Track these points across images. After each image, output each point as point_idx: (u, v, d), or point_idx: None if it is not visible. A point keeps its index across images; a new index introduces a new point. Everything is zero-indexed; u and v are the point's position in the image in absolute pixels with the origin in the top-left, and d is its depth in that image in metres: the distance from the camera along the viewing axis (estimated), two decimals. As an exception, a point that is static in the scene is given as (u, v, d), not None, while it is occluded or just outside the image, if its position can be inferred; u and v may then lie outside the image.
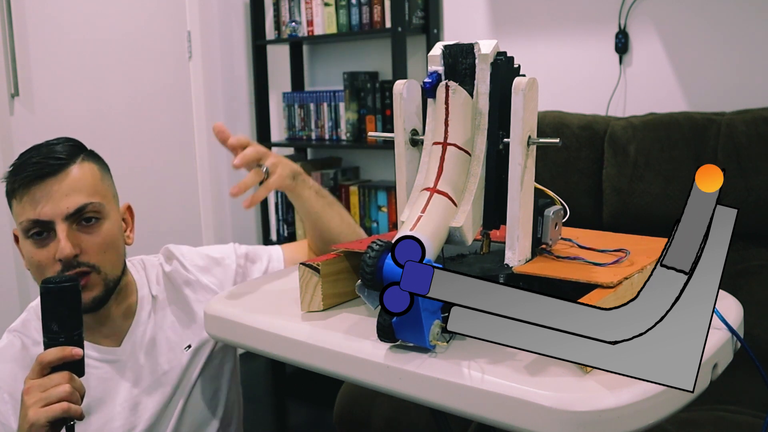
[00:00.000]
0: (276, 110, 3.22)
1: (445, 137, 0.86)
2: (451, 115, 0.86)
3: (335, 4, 2.79)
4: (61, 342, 0.96)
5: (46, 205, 1.05)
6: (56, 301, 0.96)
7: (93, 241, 1.09)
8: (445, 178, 0.85)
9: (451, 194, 0.85)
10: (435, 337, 0.76)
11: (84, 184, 1.09)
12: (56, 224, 1.06)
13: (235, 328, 0.95)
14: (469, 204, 0.85)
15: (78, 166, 1.09)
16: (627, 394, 0.68)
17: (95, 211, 1.09)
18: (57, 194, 1.06)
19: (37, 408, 0.92)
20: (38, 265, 1.07)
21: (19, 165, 1.08)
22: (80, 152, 1.12)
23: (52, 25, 2.50)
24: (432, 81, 0.88)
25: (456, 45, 0.88)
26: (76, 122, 2.55)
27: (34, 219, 1.05)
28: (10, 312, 2.20)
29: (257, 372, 3.08)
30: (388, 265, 0.76)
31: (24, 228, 1.07)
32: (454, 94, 0.86)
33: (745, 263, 1.81)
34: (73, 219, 1.07)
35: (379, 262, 0.77)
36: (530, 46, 2.53)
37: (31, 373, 0.96)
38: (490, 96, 0.87)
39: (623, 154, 1.93)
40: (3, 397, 1.09)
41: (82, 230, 1.08)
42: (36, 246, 1.07)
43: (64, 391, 0.93)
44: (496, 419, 0.71)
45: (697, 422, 1.46)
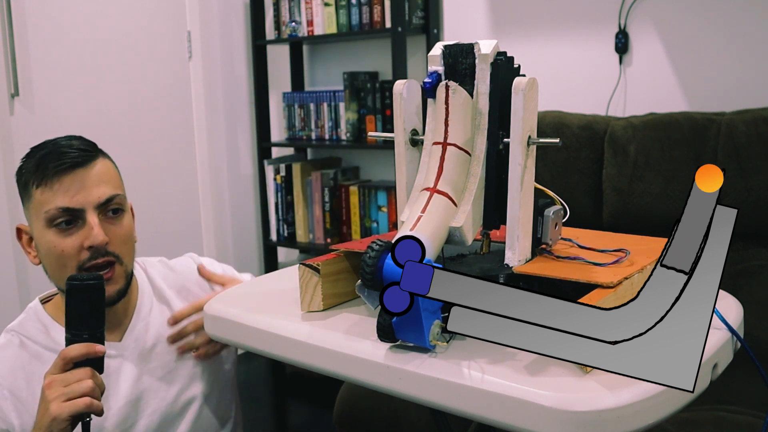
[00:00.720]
0: (276, 110, 3.22)
1: (445, 137, 0.86)
2: (451, 115, 0.86)
3: (335, 4, 2.79)
4: (84, 339, 0.97)
5: (78, 194, 1.07)
6: (81, 298, 0.97)
7: (118, 232, 1.11)
8: (445, 178, 0.85)
9: (451, 194, 0.85)
10: (435, 337, 0.76)
11: (110, 176, 1.12)
12: (87, 212, 1.07)
13: (235, 328, 0.96)
14: (469, 204, 0.85)
15: (102, 160, 1.12)
16: (627, 394, 0.68)
17: (120, 204, 1.12)
18: (89, 183, 1.08)
19: (60, 402, 0.93)
20: (61, 254, 1.08)
21: (45, 155, 1.08)
22: (97, 148, 1.14)
23: (52, 25, 2.50)
24: (432, 81, 0.89)
25: (456, 45, 0.88)
26: (76, 122, 2.55)
27: (65, 207, 1.06)
28: (10, 312, 2.20)
29: (257, 372, 3.08)
30: (389, 265, 0.76)
31: (50, 216, 1.07)
32: (454, 94, 0.86)
33: (745, 263, 1.81)
34: (102, 209, 1.09)
35: (379, 262, 0.77)
36: (530, 46, 2.53)
37: (52, 367, 0.97)
38: (490, 96, 0.87)
39: (623, 154, 1.93)
40: (3, 394, 1.09)
41: (109, 221, 1.10)
42: (62, 235, 1.08)
43: (88, 386, 0.95)
44: (496, 419, 0.71)
45: (697, 422, 1.46)
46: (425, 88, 0.89)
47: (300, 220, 3.04)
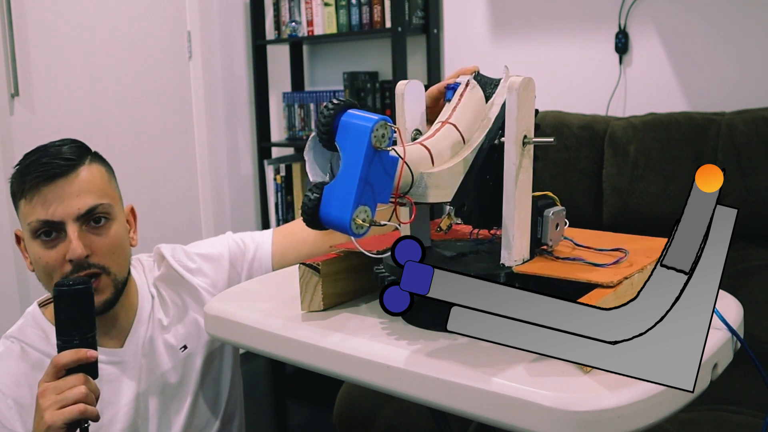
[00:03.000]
0: (276, 110, 3.22)
1: (449, 117, 0.89)
2: (462, 104, 0.90)
3: (335, 4, 2.79)
4: (75, 344, 0.96)
5: (57, 206, 1.05)
6: (70, 304, 0.96)
7: (103, 243, 1.09)
8: (435, 140, 0.87)
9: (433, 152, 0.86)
10: (359, 226, 0.74)
11: (93, 185, 1.09)
12: (67, 225, 1.06)
13: (235, 328, 0.95)
14: (452, 162, 0.86)
15: (87, 167, 1.09)
16: (627, 394, 0.68)
17: (105, 213, 1.09)
18: (68, 195, 1.06)
19: (54, 410, 0.92)
20: (46, 266, 1.07)
21: (27, 165, 1.07)
22: (87, 154, 1.12)
23: (52, 25, 2.50)
24: (455, 87, 0.93)
25: (486, 77, 0.93)
26: (76, 122, 2.55)
27: (44, 219, 1.05)
28: (11, 312, 2.20)
29: (257, 372, 3.08)
30: (348, 115, 0.75)
31: (33, 228, 1.06)
32: (472, 90, 0.90)
33: (745, 263, 1.81)
34: (84, 220, 1.07)
35: (337, 119, 0.76)
36: (530, 46, 2.53)
37: (45, 375, 0.96)
38: (501, 107, 0.89)
39: (623, 154, 1.93)
40: (7, 403, 1.08)
41: (92, 231, 1.08)
42: (45, 247, 1.07)
43: (80, 392, 0.94)
44: (496, 419, 0.71)
45: (697, 422, 1.46)
46: (448, 88, 0.92)
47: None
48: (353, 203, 0.73)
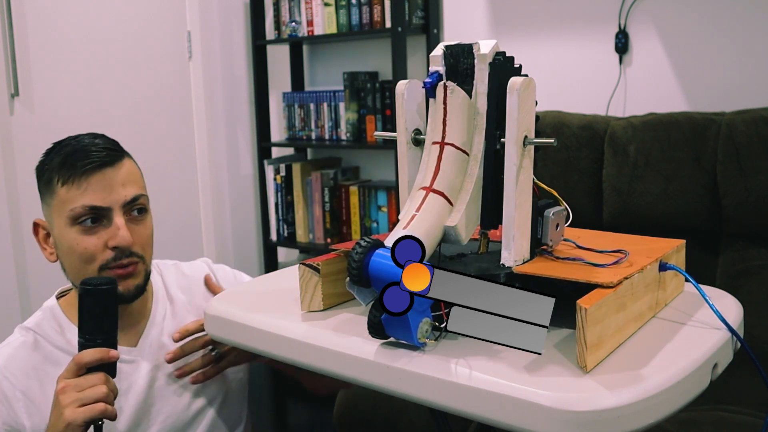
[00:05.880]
0: (276, 110, 3.22)
1: (443, 137, 0.86)
2: (449, 114, 0.87)
3: (335, 4, 2.79)
4: (98, 343, 0.97)
5: (107, 194, 1.07)
6: (94, 303, 0.97)
7: (142, 233, 1.11)
8: (442, 178, 0.85)
9: (447, 193, 0.85)
10: (424, 334, 0.77)
11: (136, 176, 1.13)
12: (114, 212, 1.07)
13: (235, 328, 0.95)
14: (464, 203, 0.85)
15: (128, 159, 1.13)
16: (627, 394, 0.68)
17: (144, 204, 1.12)
18: (116, 183, 1.08)
19: (74, 408, 0.93)
20: (84, 252, 1.07)
21: (72, 153, 1.08)
22: (122, 148, 1.15)
23: (52, 25, 2.50)
24: (432, 81, 0.89)
25: (457, 45, 0.88)
26: (76, 122, 2.55)
27: (91, 205, 1.06)
28: (10, 312, 2.20)
29: (257, 372, 3.07)
30: (375, 262, 0.77)
31: (75, 214, 1.07)
32: (452, 94, 0.86)
33: (745, 263, 1.81)
34: (127, 209, 1.09)
35: (366, 259, 0.77)
36: (530, 46, 2.53)
37: (65, 372, 0.97)
38: (488, 96, 0.87)
39: (623, 154, 1.93)
40: (15, 395, 1.08)
41: (133, 221, 1.10)
42: (85, 233, 1.07)
43: (102, 392, 0.95)
44: (495, 419, 0.71)
45: (697, 422, 1.46)
46: (426, 87, 0.90)
47: (300, 220, 3.04)
48: (414, 335, 0.77)
